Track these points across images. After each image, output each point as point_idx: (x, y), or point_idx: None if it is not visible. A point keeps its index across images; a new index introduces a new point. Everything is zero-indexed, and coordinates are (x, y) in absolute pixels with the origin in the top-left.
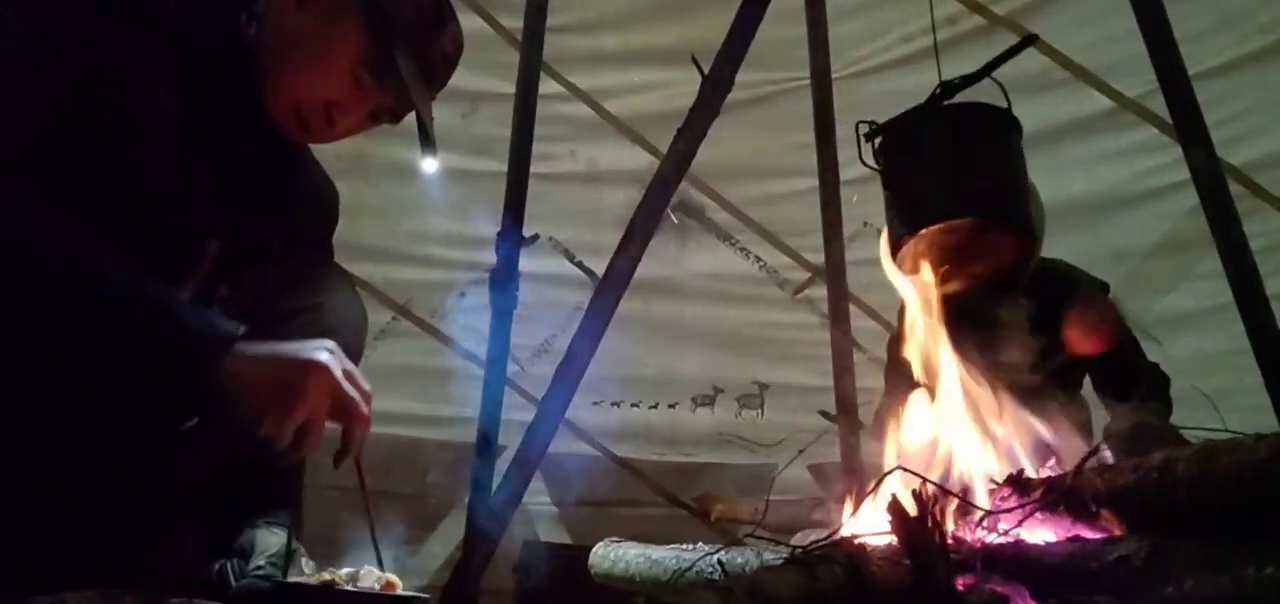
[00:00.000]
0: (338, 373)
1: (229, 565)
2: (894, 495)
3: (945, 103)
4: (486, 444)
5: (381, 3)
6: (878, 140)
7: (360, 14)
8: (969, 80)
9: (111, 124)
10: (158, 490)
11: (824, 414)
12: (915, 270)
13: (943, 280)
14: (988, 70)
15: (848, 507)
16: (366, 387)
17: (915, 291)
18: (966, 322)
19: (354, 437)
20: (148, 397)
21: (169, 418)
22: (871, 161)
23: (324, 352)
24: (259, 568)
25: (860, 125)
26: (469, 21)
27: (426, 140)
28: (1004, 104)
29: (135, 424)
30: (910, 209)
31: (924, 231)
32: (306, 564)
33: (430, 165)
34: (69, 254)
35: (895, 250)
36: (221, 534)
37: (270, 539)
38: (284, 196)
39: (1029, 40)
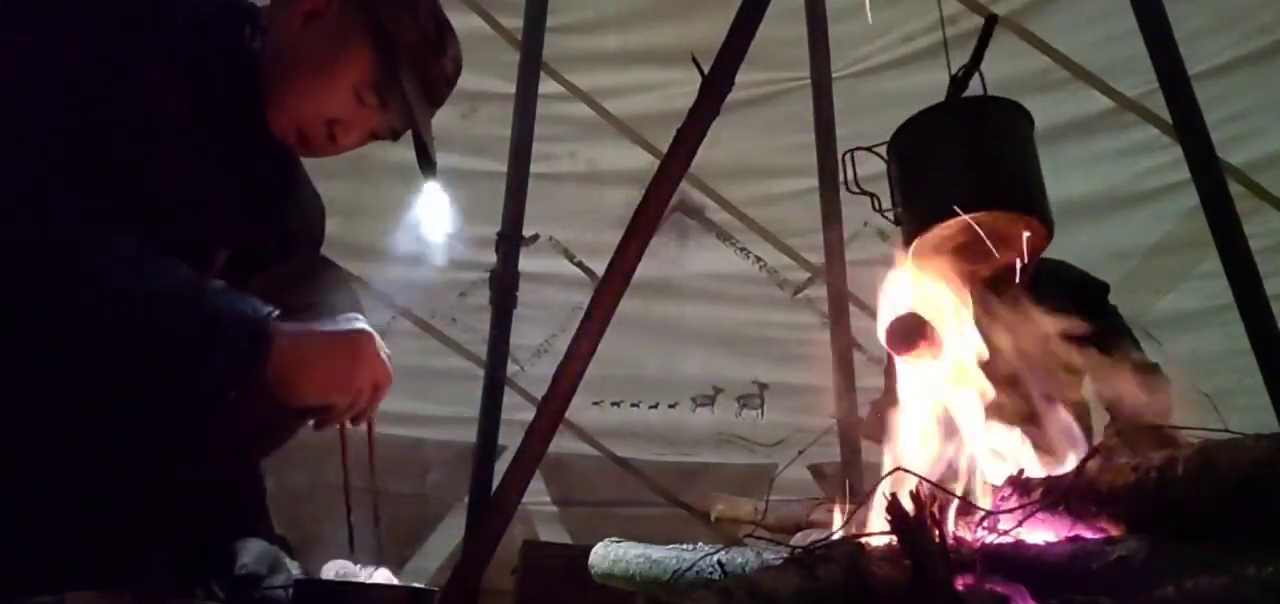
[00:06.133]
0: (380, 339)
1: (215, 583)
2: (894, 495)
3: (958, 98)
4: (487, 444)
5: (388, 26)
6: (888, 142)
7: (367, 36)
8: (963, 78)
9: (123, 129)
10: (156, 492)
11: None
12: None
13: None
14: (975, 63)
15: (847, 507)
16: (387, 350)
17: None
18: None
19: (377, 399)
20: (191, 380)
21: (205, 399)
22: (858, 186)
23: (361, 321)
24: (244, 566)
25: (846, 155)
26: (469, 21)
27: (426, 162)
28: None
29: (137, 423)
30: (930, 203)
31: (939, 227)
32: (293, 567)
33: (430, 185)
34: (99, 245)
35: (908, 244)
36: (201, 553)
37: (251, 546)
38: (283, 204)
39: (991, 20)
